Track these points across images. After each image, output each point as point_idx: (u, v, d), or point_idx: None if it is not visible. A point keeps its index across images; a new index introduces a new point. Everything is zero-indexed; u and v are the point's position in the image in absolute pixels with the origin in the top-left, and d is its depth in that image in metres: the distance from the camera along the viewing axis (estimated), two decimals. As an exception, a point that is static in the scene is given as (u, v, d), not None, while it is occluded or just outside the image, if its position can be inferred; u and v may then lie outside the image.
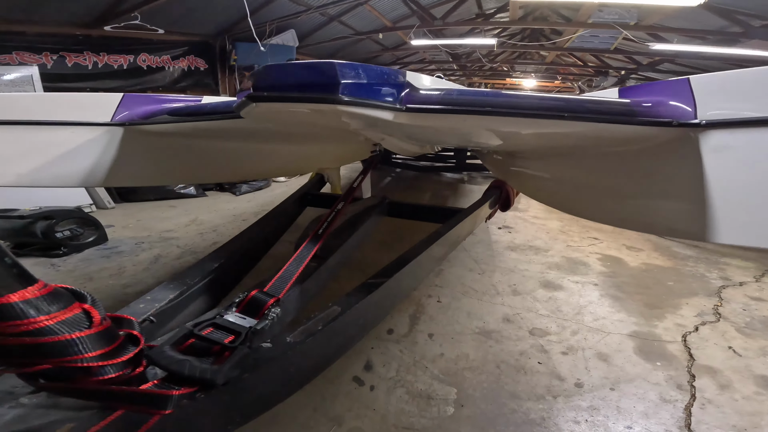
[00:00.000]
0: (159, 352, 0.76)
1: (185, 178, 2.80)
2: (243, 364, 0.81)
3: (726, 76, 0.83)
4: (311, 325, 0.99)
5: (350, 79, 0.89)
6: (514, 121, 0.98)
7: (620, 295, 2.48)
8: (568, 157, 1.49)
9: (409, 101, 0.98)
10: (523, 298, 2.40)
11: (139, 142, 1.66)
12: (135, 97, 1.67)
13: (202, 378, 0.73)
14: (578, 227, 3.85)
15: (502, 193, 2.71)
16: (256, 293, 1.01)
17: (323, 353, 1.06)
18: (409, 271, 1.41)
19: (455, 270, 2.73)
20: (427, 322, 2.08)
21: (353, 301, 1.11)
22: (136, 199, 4.35)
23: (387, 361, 1.76)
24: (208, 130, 1.59)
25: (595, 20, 5.46)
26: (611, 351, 1.87)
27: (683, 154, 0.85)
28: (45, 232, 2.78)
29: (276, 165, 2.66)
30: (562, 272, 2.79)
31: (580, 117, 0.90)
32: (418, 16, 6.00)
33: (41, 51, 4.46)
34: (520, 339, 1.96)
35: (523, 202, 4.67)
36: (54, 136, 1.51)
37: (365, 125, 1.12)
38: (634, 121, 0.89)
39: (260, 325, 0.93)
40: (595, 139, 1.10)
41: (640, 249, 3.33)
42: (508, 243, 3.32)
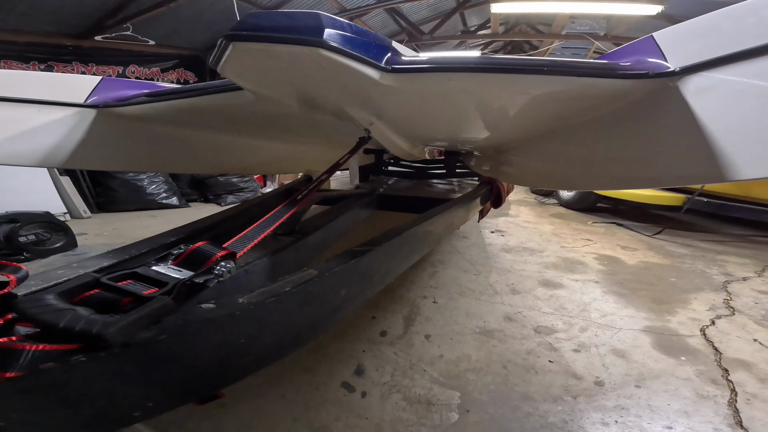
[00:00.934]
0: (34, 299, 0.54)
1: (162, 166, 2.59)
2: (162, 322, 0.57)
3: (685, 25, 0.87)
4: (276, 286, 0.75)
5: (336, 29, 0.82)
6: (498, 78, 0.96)
7: (624, 291, 2.34)
8: (555, 137, 1.44)
9: (395, 62, 0.94)
10: (523, 296, 2.22)
11: (112, 126, 1.60)
12: (112, 81, 1.62)
13: (83, 332, 0.49)
14: (570, 230, 3.76)
15: (493, 189, 2.60)
16: (204, 244, 0.78)
17: (291, 324, 0.80)
18: (400, 245, 1.24)
19: (450, 271, 2.54)
20: (423, 323, 1.86)
21: (333, 265, 0.91)
22: (114, 209, 4.16)
23: (380, 364, 1.52)
24: (188, 112, 1.49)
25: (569, 31, 5.67)
26: (627, 347, 1.69)
27: (668, 103, 0.87)
28: (7, 236, 2.61)
29: (260, 162, 2.52)
30: (560, 271, 2.65)
31: (560, 72, 0.91)
32: (407, 32, 6.09)
33: (30, 60, 4.39)
34: (526, 337, 1.77)
35: (512, 208, 4.59)
36: (15, 114, 1.44)
37: (348, 88, 1.02)
38: (614, 75, 0.90)
39: (200, 278, 0.70)
40: (578, 101, 1.06)
41: (635, 248, 3.24)
42: (502, 245, 3.17)
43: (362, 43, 0.87)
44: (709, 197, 3.69)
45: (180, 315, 0.61)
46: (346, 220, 1.72)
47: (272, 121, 1.71)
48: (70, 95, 1.52)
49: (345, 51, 0.82)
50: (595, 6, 4.50)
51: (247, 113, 1.52)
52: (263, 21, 0.82)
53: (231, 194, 4.76)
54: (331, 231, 1.55)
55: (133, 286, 0.65)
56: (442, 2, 5.88)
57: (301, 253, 1.27)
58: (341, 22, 0.85)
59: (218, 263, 0.74)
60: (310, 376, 1.42)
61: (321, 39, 0.78)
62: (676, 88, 0.83)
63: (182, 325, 0.59)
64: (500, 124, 1.47)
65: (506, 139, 1.89)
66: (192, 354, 0.61)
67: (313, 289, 0.81)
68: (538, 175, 1.98)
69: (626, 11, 4.58)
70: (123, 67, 5.13)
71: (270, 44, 0.80)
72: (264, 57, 0.85)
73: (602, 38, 5.71)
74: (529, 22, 6.66)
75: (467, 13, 6.61)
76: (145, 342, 0.54)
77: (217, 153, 2.11)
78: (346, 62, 0.84)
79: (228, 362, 0.69)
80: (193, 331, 0.60)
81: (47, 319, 0.50)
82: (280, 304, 0.73)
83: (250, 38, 0.80)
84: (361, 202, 2.02)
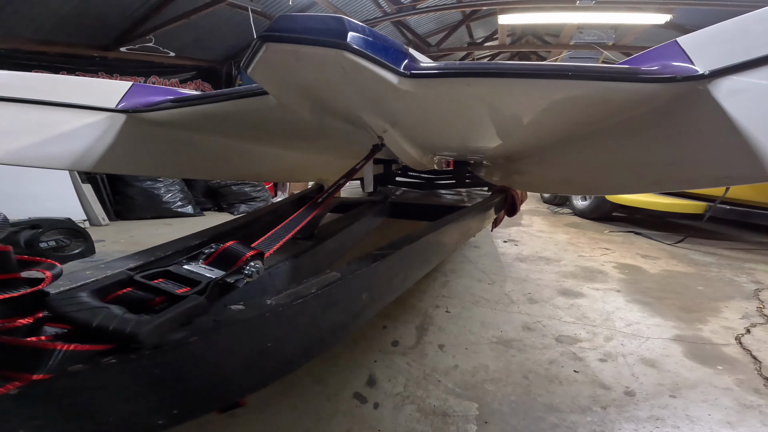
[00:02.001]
0: (66, 296, 0.51)
1: (183, 171, 2.65)
2: (193, 323, 0.55)
3: (710, 31, 0.89)
4: (302, 288, 0.74)
5: (359, 33, 0.86)
6: (519, 83, 0.95)
7: (648, 300, 2.24)
8: (574, 142, 1.42)
9: (413, 68, 0.96)
10: (541, 306, 2.13)
11: (140, 131, 1.63)
12: (143, 87, 1.67)
13: (117, 332, 0.46)
14: (586, 239, 3.67)
15: (507, 197, 2.56)
16: (234, 243, 0.77)
17: (316, 328, 0.79)
18: (418, 250, 1.22)
19: (463, 281, 2.47)
20: (436, 333, 1.79)
21: (355, 268, 0.90)
22: (131, 217, 4.24)
23: (393, 375, 1.46)
24: (211, 117, 1.53)
25: (577, 42, 5.73)
26: (658, 356, 1.59)
27: (699, 106, 0.86)
28: (28, 242, 2.64)
29: (274, 169, 2.57)
30: (579, 280, 2.55)
31: (586, 76, 0.90)
32: (414, 44, 6.23)
33: (59, 70, 4.66)
34: (547, 347, 1.68)
35: (525, 218, 4.51)
36: (50, 117, 1.47)
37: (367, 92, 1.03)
38: (640, 79, 0.89)
39: (231, 278, 0.68)
40: (601, 105, 1.05)
41: (657, 257, 3.13)
42: (516, 255, 3.09)
43: (383, 48, 0.90)
44: (732, 204, 3.57)
45: (210, 316, 0.59)
46: (360, 226, 1.73)
47: (288, 129, 1.74)
48: (103, 100, 1.56)
49: (367, 54, 0.84)
50: (602, 16, 4.56)
51: (266, 120, 1.55)
52: (295, 23, 0.86)
53: (243, 203, 4.83)
54: (348, 236, 1.55)
55: (166, 284, 0.62)
56: (448, 15, 6.03)
57: (320, 257, 1.28)
58: (363, 27, 0.88)
59: (248, 263, 0.72)
60: (321, 386, 1.37)
61: (345, 42, 0.81)
62: (707, 91, 0.83)
63: (213, 326, 0.57)
64: (517, 130, 1.46)
65: (522, 147, 1.87)
66: (222, 357, 0.59)
67: (336, 292, 0.80)
68: (555, 180, 1.95)
69: (634, 21, 4.63)
70: (144, 78, 5.39)
71: (299, 45, 0.83)
72: (293, 58, 0.88)
73: (610, 48, 5.76)
74: (536, 33, 6.75)
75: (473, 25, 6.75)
76: (177, 343, 0.51)
77: (235, 160, 2.17)
78: (368, 65, 0.86)
79: (256, 367, 0.66)
80: (224, 333, 0.58)
81: (80, 317, 0.48)
82: (306, 306, 0.71)
83: (282, 39, 0.83)
84: (374, 210, 2.01)
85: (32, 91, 1.44)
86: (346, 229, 1.54)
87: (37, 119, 1.45)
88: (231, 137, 1.93)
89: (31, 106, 1.43)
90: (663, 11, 4.28)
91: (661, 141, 1.09)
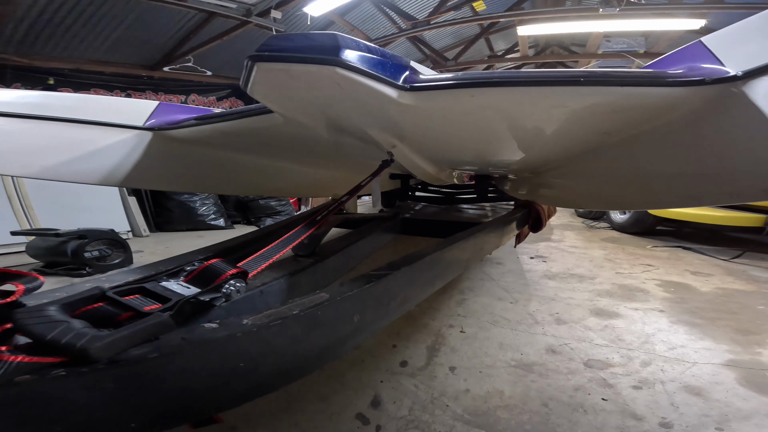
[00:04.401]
0: (34, 310, 0.54)
1: (206, 186, 2.85)
2: (156, 340, 0.57)
3: (737, 27, 0.84)
4: (284, 309, 0.74)
5: (352, 49, 0.87)
6: (526, 92, 0.91)
7: (698, 321, 2.03)
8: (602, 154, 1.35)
9: (414, 81, 0.95)
10: (570, 327, 1.99)
11: (165, 148, 1.75)
12: (169, 106, 1.80)
13: (68, 345, 0.49)
14: (626, 255, 3.44)
15: (531, 212, 2.46)
16: (217, 261, 0.78)
17: (297, 350, 0.77)
18: (421, 269, 1.17)
19: (481, 299, 2.36)
20: (448, 354, 1.71)
21: (346, 289, 0.87)
22: (169, 228, 4.64)
23: (398, 397, 1.40)
24: (228, 134, 1.62)
25: (605, 50, 5.59)
26: (704, 383, 1.42)
27: (735, 110, 0.81)
28: (75, 252, 2.85)
29: (292, 185, 2.70)
30: (616, 299, 2.37)
31: (600, 82, 0.86)
32: (431, 59, 6.35)
33: (113, 89, 5.30)
34: (573, 372, 1.55)
35: (555, 233, 4.31)
36: (85, 134, 1.60)
37: (368, 108, 1.04)
38: (664, 83, 0.84)
39: (206, 296, 0.69)
40: (623, 113, 0.99)
41: (709, 274, 2.87)
42: (544, 272, 2.94)
43: (379, 62, 0.90)
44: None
45: (180, 333, 0.60)
46: (367, 243, 1.70)
47: (302, 145, 1.80)
48: (132, 118, 1.68)
49: (361, 69, 0.85)
50: (630, 23, 4.43)
51: (279, 136, 1.61)
52: (284, 42, 0.88)
53: (269, 217, 5.12)
54: (352, 254, 1.53)
55: (137, 301, 0.65)
56: (466, 28, 6.12)
57: (319, 276, 1.26)
58: (358, 42, 0.89)
59: (227, 282, 0.73)
60: (324, 404, 1.35)
61: (337, 58, 0.82)
62: (742, 94, 0.78)
63: (178, 343, 0.58)
64: (534, 143, 1.42)
65: (543, 160, 1.82)
66: (187, 375, 0.59)
67: (322, 314, 0.78)
68: (584, 195, 1.87)
69: (665, 27, 4.46)
70: (185, 96, 5.96)
71: (290, 64, 0.85)
72: (286, 77, 0.90)
73: (643, 56, 5.58)
74: (560, 43, 6.68)
75: (493, 38, 6.80)
76: (134, 359, 0.52)
77: (254, 175, 2.27)
78: (363, 81, 0.86)
79: (226, 386, 0.65)
80: (190, 351, 0.58)
81: (38, 330, 0.50)
82: (285, 327, 0.70)
83: (272, 59, 0.86)
84: (383, 226, 1.99)
85: (69, 110, 1.58)
86: (351, 246, 1.52)
87: (72, 137, 1.58)
88: (250, 153, 2.02)
89: (67, 124, 1.56)
90: (696, 16, 4.10)
91: (692, 150, 1.02)
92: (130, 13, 4.45)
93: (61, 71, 5.02)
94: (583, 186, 1.76)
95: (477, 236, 1.70)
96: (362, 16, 5.73)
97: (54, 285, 2.82)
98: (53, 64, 4.86)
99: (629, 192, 1.44)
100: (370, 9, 5.54)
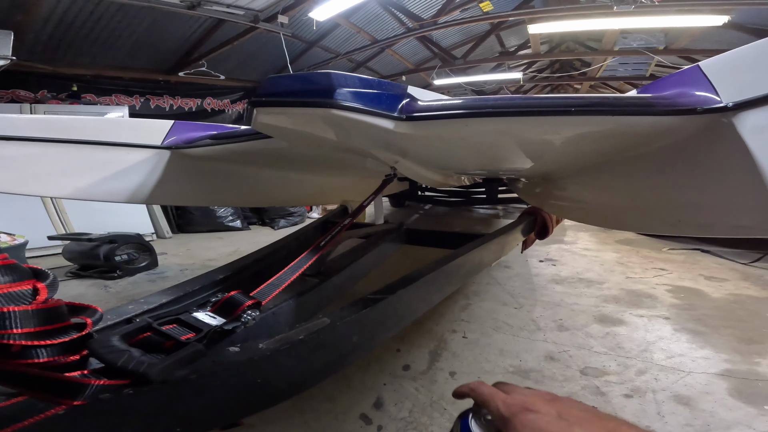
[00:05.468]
0: (102, 340, 0.70)
1: (222, 200, 3.06)
2: (194, 364, 0.72)
3: (735, 54, 0.82)
4: (292, 334, 0.88)
5: (346, 87, 0.92)
6: (519, 121, 0.97)
7: (702, 329, 2.08)
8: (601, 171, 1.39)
9: (410, 111, 1.00)
10: (572, 333, 2.07)
11: (182, 165, 1.88)
12: (183, 125, 1.93)
13: (133, 370, 0.64)
14: (639, 258, 3.45)
15: (537, 219, 2.52)
16: (235, 293, 0.95)
17: (303, 368, 0.92)
18: (418, 290, 1.28)
19: (486, 304, 2.46)
20: (449, 359, 1.83)
21: (346, 314, 1.00)
22: (190, 230, 4.94)
23: (400, 399, 1.53)
24: (241, 152, 1.74)
25: (622, 47, 5.48)
26: (694, 393, 1.49)
27: (721, 142, 0.82)
28: (106, 256, 3.10)
29: (303, 194, 2.84)
30: (622, 305, 2.43)
31: (591, 111, 0.88)
32: (439, 57, 6.37)
33: (133, 94, 5.61)
34: (568, 379, 1.64)
35: (569, 234, 4.33)
36: (111, 156, 1.74)
37: (366, 137, 1.11)
38: (654, 112, 0.85)
39: (229, 326, 0.86)
40: (617, 139, 1.03)
41: (724, 279, 2.87)
42: (552, 276, 3.01)
43: (374, 97, 0.96)
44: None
45: (211, 357, 0.76)
46: (372, 257, 1.80)
47: (310, 159, 1.93)
48: (150, 138, 1.82)
49: (356, 108, 0.91)
50: (648, 20, 4.31)
51: (289, 154, 1.73)
52: (280, 87, 0.96)
53: (283, 218, 5.41)
54: (357, 270, 1.64)
55: (176, 330, 0.81)
56: (475, 26, 6.10)
57: (325, 294, 1.39)
58: (353, 78, 0.95)
59: (245, 312, 0.91)
60: (331, 404, 1.50)
61: (332, 100, 0.88)
62: (731, 125, 0.77)
63: (210, 366, 0.74)
64: (534, 160, 1.50)
65: (547, 171, 1.88)
66: (218, 390, 0.75)
67: (325, 337, 0.91)
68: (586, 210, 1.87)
69: (685, 24, 4.33)
70: (201, 100, 6.22)
71: (287, 108, 0.94)
72: (285, 118, 1.00)
73: (663, 52, 5.43)
74: (575, 39, 6.56)
75: (504, 34, 6.73)
76: (180, 380, 0.68)
77: (268, 188, 2.42)
78: (359, 117, 0.93)
79: (246, 397, 0.81)
80: (219, 372, 0.74)
81: (110, 358, 0.66)
82: (293, 350, 0.84)
83: (270, 104, 0.95)
84: (388, 238, 2.09)
85: (93, 132, 1.72)
86: (356, 263, 1.63)
87: (100, 158, 1.73)
88: (263, 167, 2.17)
89: (95, 147, 1.71)
90: (720, 12, 3.97)
91: (678, 178, 1.05)
92: (144, 19, 4.67)
93: (83, 77, 5.30)
94: (584, 200, 1.80)
95: (477, 250, 1.76)
96: (368, 17, 5.82)
97: (90, 287, 3.05)
98: (76, 70, 5.14)
99: (627, 212, 1.45)
100: (375, 9, 5.62)
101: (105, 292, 2.88)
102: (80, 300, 0.69)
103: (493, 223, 5.05)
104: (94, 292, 2.87)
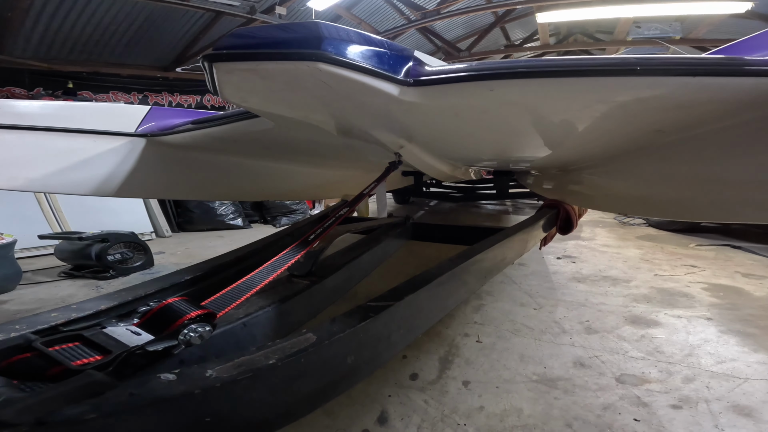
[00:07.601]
0: None
1: (210, 194, 2.84)
2: (103, 395, 0.52)
3: None
4: (259, 356, 0.65)
5: (338, 39, 0.73)
6: (561, 84, 0.76)
7: (751, 331, 1.86)
8: (654, 151, 1.18)
9: (418, 74, 0.81)
10: (602, 336, 1.85)
11: (160, 154, 1.72)
12: (161, 110, 1.76)
13: None
14: (665, 254, 3.22)
15: (560, 213, 2.31)
16: (174, 301, 0.71)
17: (276, 402, 0.68)
18: (428, 295, 1.07)
19: (500, 305, 2.25)
20: (462, 367, 1.62)
21: (338, 329, 0.77)
22: (191, 229, 4.86)
23: (407, 413, 1.33)
24: (225, 139, 1.58)
25: (635, 37, 5.28)
26: (756, 402, 1.28)
27: None
28: (98, 255, 2.96)
29: (299, 187, 2.63)
30: (655, 305, 2.21)
31: (664, 71, 0.70)
32: (443, 50, 6.24)
33: (131, 91, 5.55)
34: (603, 389, 1.43)
35: (585, 230, 4.11)
36: (72, 144, 1.58)
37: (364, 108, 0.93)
38: (756, 72, 0.68)
39: (159, 345, 0.63)
40: (688, 109, 0.83)
41: (763, 276, 2.65)
42: (572, 274, 2.79)
43: (374, 54, 0.78)
44: None
45: (129, 387, 0.54)
46: (373, 255, 1.60)
47: (303, 146, 1.72)
48: (122, 125, 1.66)
49: (350, 63, 0.72)
50: (664, 8, 4.11)
51: (280, 139, 1.53)
52: (248, 38, 0.75)
53: (284, 216, 5.22)
54: (355, 270, 1.43)
55: (69, 352, 0.59)
56: (479, 18, 5.95)
57: (316, 299, 1.16)
58: (347, 31, 0.77)
59: (186, 326, 0.66)
60: (331, 419, 1.32)
61: (319, 51, 0.70)
62: None
63: (124, 400, 0.52)
64: (566, 141, 1.27)
65: (577, 157, 1.64)
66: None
67: (308, 360, 0.68)
68: (626, 198, 1.65)
69: (704, 11, 4.12)
70: (200, 96, 6.16)
71: (258, 62, 0.72)
72: (255, 77, 0.78)
73: (678, 42, 5.22)
74: (584, 30, 6.39)
75: (509, 27, 6.59)
76: (69, 420, 0.48)
77: (257, 180, 2.22)
78: (354, 76, 0.74)
79: None
80: (138, 410, 0.52)
81: None
82: (258, 380, 0.61)
83: (232, 57, 0.74)
84: (392, 233, 1.90)
85: (52, 118, 1.56)
86: (354, 262, 1.42)
87: (57, 146, 1.56)
88: (253, 157, 1.98)
89: (51, 133, 1.55)
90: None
91: None
92: (140, 13, 4.60)
93: (79, 74, 5.25)
94: (624, 187, 1.58)
95: (497, 246, 1.56)
96: (370, 9, 5.72)
97: (81, 288, 2.89)
98: (72, 67, 5.09)
99: (686, 198, 1.24)
100: (377, 0, 5.51)
101: (96, 293, 2.72)
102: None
103: (503, 219, 4.84)
104: (85, 293, 2.72)
